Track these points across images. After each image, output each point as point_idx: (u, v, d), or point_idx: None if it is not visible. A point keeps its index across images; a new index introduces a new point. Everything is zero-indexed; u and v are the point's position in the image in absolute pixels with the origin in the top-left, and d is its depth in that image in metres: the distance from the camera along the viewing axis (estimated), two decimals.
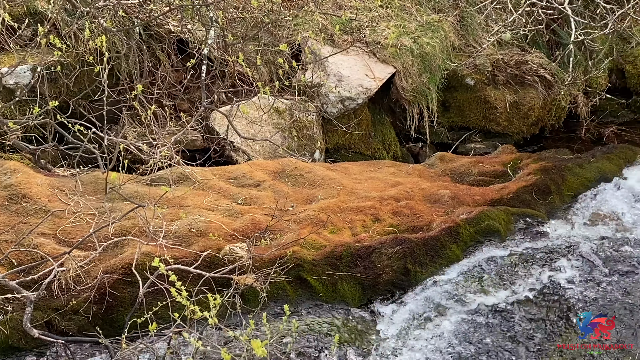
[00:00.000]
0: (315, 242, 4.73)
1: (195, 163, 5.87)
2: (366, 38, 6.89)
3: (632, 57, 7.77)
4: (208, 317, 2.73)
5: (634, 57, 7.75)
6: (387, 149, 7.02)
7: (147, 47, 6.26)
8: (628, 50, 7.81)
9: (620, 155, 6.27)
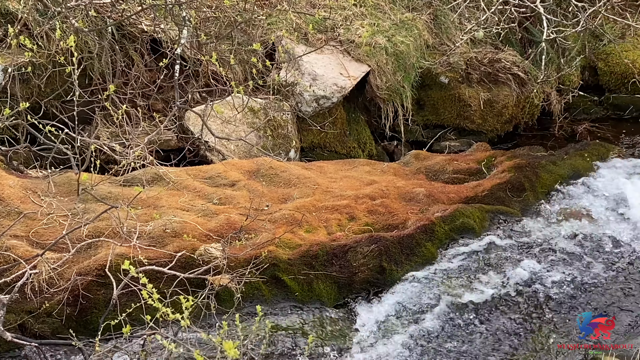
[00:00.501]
0: (291, 242, 4.72)
1: (170, 163, 5.83)
2: (340, 37, 6.89)
3: (604, 54, 7.84)
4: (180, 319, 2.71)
5: (606, 54, 7.83)
6: (362, 147, 7.02)
7: (120, 47, 6.21)
8: (600, 47, 7.88)
9: (593, 152, 6.32)
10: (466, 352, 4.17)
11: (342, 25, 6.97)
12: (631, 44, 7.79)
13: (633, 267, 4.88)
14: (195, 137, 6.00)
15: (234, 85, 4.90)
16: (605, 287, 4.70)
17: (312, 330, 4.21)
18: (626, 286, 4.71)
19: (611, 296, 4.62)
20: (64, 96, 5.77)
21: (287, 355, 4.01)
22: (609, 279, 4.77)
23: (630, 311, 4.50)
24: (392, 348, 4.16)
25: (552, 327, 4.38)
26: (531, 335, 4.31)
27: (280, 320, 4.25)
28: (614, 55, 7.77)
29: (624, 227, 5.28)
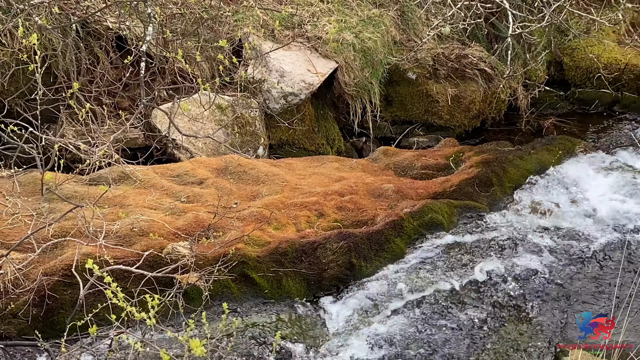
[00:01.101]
0: (260, 239, 4.71)
1: (137, 161, 5.78)
2: (307, 33, 6.87)
3: (569, 49, 7.90)
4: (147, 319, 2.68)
5: (571, 49, 7.89)
6: (330, 144, 7.02)
7: (85, 45, 6.14)
8: (566, 42, 7.94)
9: (560, 146, 6.37)
10: (434, 346, 4.18)
11: (309, 21, 6.96)
12: (596, 38, 7.86)
13: (598, 260, 4.92)
14: (163, 135, 5.95)
15: (200, 83, 4.86)
16: (572, 280, 4.74)
17: (282, 327, 4.19)
18: (592, 279, 4.76)
19: (578, 289, 4.67)
20: (28, 95, 5.70)
21: (256, 352, 3.99)
22: (576, 272, 4.81)
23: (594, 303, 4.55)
24: (361, 343, 4.16)
25: (520, 321, 4.40)
26: (499, 329, 4.33)
27: (249, 318, 4.23)
28: (579, 50, 7.84)
29: (590, 221, 5.33)
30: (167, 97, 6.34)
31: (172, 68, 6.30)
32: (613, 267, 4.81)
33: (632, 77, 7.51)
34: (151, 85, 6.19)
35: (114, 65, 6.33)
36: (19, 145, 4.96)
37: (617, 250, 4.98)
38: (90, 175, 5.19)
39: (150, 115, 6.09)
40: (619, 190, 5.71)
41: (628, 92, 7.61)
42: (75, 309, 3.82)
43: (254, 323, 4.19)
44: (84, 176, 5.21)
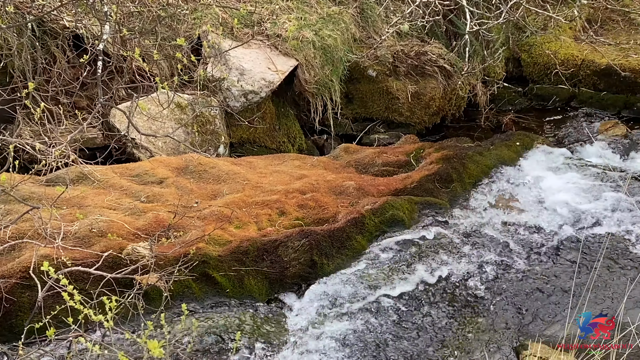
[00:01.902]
0: (221, 238, 4.69)
1: (96, 161, 5.72)
2: (267, 31, 6.85)
3: (527, 46, 7.98)
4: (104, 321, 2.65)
5: (529, 46, 7.97)
6: (292, 141, 7.01)
7: (41, 44, 6.06)
8: (523, 39, 8.02)
9: (518, 142, 6.44)
10: (395, 343, 4.20)
11: (268, 19, 6.94)
12: (553, 35, 7.95)
13: (556, 255, 4.97)
14: (121, 134, 5.89)
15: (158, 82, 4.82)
16: (530, 275, 4.78)
17: (244, 326, 4.18)
18: (550, 273, 4.81)
19: (536, 284, 4.71)
20: None
21: (218, 352, 3.97)
22: (534, 267, 4.86)
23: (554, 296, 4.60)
24: (323, 341, 4.16)
25: (481, 316, 4.44)
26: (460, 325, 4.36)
27: (211, 317, 4.21)
28: (536, 47, 7.92)
29: (547, 215, 5.39)
30: (126, 96, 6.28)
31: (130, 67, 6.24)
32: (570, 262, 4.87)
33: (588, 73, 7.61)
34: (109, 84, 6.12)
35: (72, 65, 6.25)
36: None
37: (574, 245, 5.04)
38: (48, 175, 5.12)
39: (109, 114, 6.03)
40: (576, 185, 5.77)
41: (585, 87, 7.71)
42: (33, 311, 3.77)
43: (215, 323, 4.17)
44: (41, 177, 5.14)
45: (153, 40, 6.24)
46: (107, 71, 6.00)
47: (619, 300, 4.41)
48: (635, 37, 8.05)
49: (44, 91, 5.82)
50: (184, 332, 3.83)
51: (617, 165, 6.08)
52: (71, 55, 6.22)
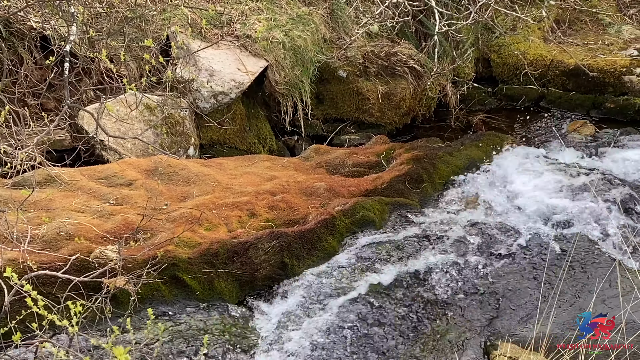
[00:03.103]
0: (191, 240, 4.66)
1: (63, 163, 5.65)
2: (237, 32, 6.82)
3: (496, 46, 8.02)
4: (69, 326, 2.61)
5: (498, 46, 8.01)
6: (262, 143, 6.98)
7: (8, 45, 5.98)
8: (493, 40, 8.06)
9: (488, 142, 6.47)
10: (366, 344, 4.19)
11: (238, 20, 6.91)
12: (522, 35, 8.00)
13: (526, 255, 5.00)
14: (90, 136, 5.83)
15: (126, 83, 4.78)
16: (500, 275, 4.80)
17: (214, 328, 4.15)
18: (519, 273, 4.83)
19: (506, 283, 4.73)
20: None
21: (187, 355, 3.94)
22: (504, 267, 4.88)
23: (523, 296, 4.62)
24: (294, 343, 4.15)
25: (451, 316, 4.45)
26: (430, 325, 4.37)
27: (181, 320, 4.17)
28: (505, 47, 7.95)
29: (517, 215, 5.42)
30: (94, 98, 6.22)
31: (98, 68, 6.18)
32: (540, 262, 4.89)
33: (557, 73, 7.66)
34: (77, 85, 6.06)
35: (39, 66, 6.18)
36: None
37: (544, 244, 5.07)
38: (14, 178, 5.05)
39: (77, 116, 5.97)
40: (545, 185, 5.81)
41: (553, 87, 7.76)
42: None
43: (185, 326, 4.14)
44: (6, 180, 5.07)
45: (121, 42, 6.19)
46: (74, 72, 5.95)
47: (589, 299, 4.44)
48: (603, 38, 8.12)
49: (11, 93, 5.75)
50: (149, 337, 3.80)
51: (586, 165, 6.13)
52: (38, 57, 6.15)
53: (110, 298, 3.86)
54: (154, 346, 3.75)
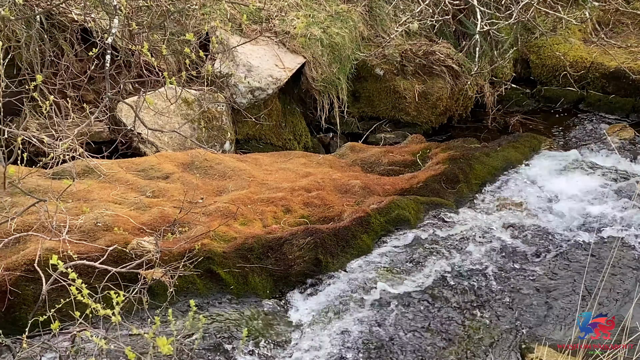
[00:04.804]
0: (226, 235, 4.67)
1: (102, 155, 5.71)
2: (275, 28, 6.83)
3: (536, 47, 7.96)
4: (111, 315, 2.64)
5: (538, 47, 7.94)
6: (297, 139, 7.00)
7: (50, 37, 6.05)
8: (532, 40, 8.00)
9: (526, 143, 6.42)
10: (400, 343, 4.18)
11: (277, 16, 6.92)
12: (562, 36, 7.93)
13: (564, 258, 4.95)
14: (128, 128, 5.88)
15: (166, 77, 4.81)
16: (537, 278, 4.76)
17: (248, 323, 4.17)
18: (557, 277, 4.79)
19: (543, 286, 4.69)
20: None
21: (222, 349, 3.96)
22: (541, 270, 4.83)
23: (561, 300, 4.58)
24: (327, 340, 4.15)
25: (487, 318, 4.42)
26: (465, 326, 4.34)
27: (215, 314, 4.20)
28: (545, 48, 7.89)
29: (554, 218, 5.37)
30: (133, 91, 6.27)
31: (137, 61, 6.23)
32: (578, 266, 4.84)
33: (597, 76, 7.59)
34: (117, 78, 6.11)
35: (79, 58, 6.25)
36: None
37: (582, 248, 5.02)
38: (54, 169, 5.12)
39: (116, 108, 6.02)
40: (583, 188, 5.75)
41: (593, 90, 7.68)
42: (37, 304, 3.76)
43: (219, 319, 4.16)
44: (47, 170, 5.13)
45: (161, 35, 6.23)
46: (114, 65, 5.99)
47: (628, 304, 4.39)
48: None
49: (52, 84, 5.82)
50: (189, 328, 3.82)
51: (625, 169, 6.05)
52: (79, 49, 6.22)
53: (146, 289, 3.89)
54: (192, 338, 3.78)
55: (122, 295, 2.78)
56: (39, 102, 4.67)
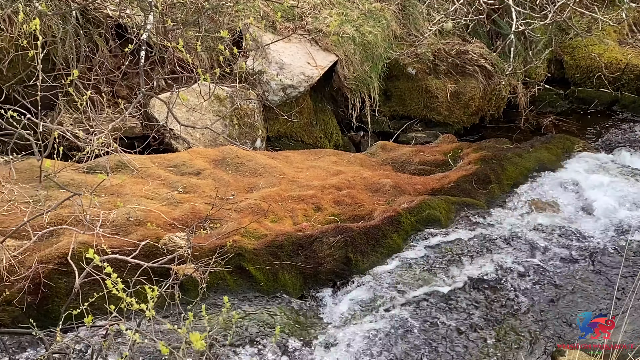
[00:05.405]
0: (256, 231, 4.69)
1: (134, 150, 5.75)
2: (308, 26, 6.84)
3: (570, 47, 7.89)
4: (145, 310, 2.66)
5: (572, 47, 7.88)
6: (328, 137, 7.00)
7: (85, 32, 6.10)
8: (566, 41, 7.93)
9: (559, 145, 6.36)
10: (429, 343, 4.17)
11: (310, 14, 6.93)
12: (597, 37, 7.85)
13: (596, 261, 4.91)
14: (160, 124, 5.92)
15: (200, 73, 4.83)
16: (569, 280, 4.72)
17: (277, 320, 4.17)
18: (589, 279, 4.74)
19: (575, 289, 4.65)
20: (26, 81, 5.66)
21: (251, 346, 3.97)
22: (573, 272, 4.79)
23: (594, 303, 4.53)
24: (356, 338, 4.14)
25: (517, 320, 4.39)
26: (495, 327, 4.32)
27: (245, 311, 4.21)
28: (580, 49, 7.82)
29: (588, 220, 5.32)
30: (166, 87, 6.31)
31: (171, 57, 6.27)
32: (611, 268, 4.80)
33: (632, 77, 7.51)
34: (150, 74, 6.16)
35: (113, 54, 6.29)
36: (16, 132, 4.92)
37: (616, 251, 4.97)
38: (88, 163, 5.16)
39: (149, 104, 6.06)
40: (616, 191, 5.69)
41: (628, 92, 7.60)
42: (70, 297, 3.79)
43: (249, 316, 4.17)
44: (81, 164, 5.18)
45: (195, 32, 6.26)
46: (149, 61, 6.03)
47: None
48: None
49: (86, 79, 5.87)
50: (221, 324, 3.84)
51: None
52: (113, 45, 6.26)
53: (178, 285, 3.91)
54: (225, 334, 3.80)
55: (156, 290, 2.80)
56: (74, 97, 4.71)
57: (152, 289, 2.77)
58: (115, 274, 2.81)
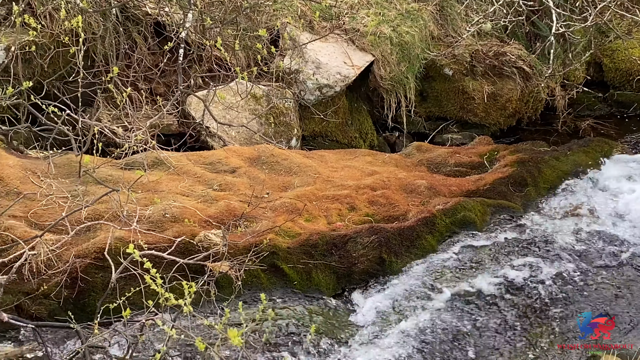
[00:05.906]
0: (291, 230, 4.70)
1: (170, 148, 5.80)
2: (345, 25, 6.84)
3: (609, 50, 7.80)
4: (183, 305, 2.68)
5: (611, 50, 7.79)
6: (363, 137, 6.99)
7: (124, 29, 6.17)
8: (606, 43, 7.84)
9: (597, 148, 6.29)
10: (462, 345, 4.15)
11: (347, 13, 6.93)
12: (637, 40, 7.75)
13: (633, 267, 4.85)
14: (197, 122, 5.96)
15: (237, 71, 4.86)
16: (605, 285, 4.67)
17: (311, 319, 4.18)
18: (626, 285, 4.69)
19: (611, 295, 4.60)
20: (66, 77, 5.73)
21: (285, 344, 3.98)
22: (610, 277, 4.74)
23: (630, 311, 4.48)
24: (390, 339, 4.14)
25: (550, 324, 4.35)
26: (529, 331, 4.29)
27: (278, 309, 4.22)
28: (619, 52, 7.73)
29: (626, 226, 5.25)
30: (203, 85, 6.35)
31: (209, 56, 6.30)
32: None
33: None
34: (188, 72, 6.20)
35: (152, 51, 6.35)
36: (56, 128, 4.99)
37: None
38: (125, 159, 5.21)
39: (186, 102, 6.11)
40: None
41: None
42: (107, 292, 3.83)
43: (283, 314, 4.19)
44: (118, 160, 5.23)
45: (233, 30, 6.30)
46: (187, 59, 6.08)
47: None
48: None
49: (125, 77, 5.92)
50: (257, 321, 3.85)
51: None
52: (152, 42, 6.32)
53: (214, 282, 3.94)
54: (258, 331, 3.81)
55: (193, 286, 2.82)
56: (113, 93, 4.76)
57: (190, 285, 2.79)
58: (154, 270, 2.84)
